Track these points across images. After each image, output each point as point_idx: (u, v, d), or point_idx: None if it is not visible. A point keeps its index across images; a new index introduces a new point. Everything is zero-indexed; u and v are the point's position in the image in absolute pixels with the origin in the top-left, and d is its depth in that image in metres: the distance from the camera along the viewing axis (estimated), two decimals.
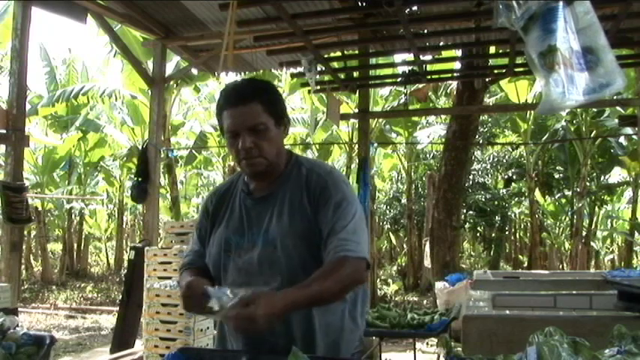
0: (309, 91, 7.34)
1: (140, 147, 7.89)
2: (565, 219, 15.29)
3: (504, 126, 14.63)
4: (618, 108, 10.42)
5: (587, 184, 13.68)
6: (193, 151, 14.88)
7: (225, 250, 1.73)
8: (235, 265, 1.71)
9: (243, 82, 1.73)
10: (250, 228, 1.72)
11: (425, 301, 10.85)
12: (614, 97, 7.21)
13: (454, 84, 9.97)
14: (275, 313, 1.45)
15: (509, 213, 16.14)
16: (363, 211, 1.78)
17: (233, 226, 1.75)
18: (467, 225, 15.29)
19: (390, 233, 16.98)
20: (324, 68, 6.04)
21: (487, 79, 8.18)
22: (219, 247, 1.75)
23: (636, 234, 14.31)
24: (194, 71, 9.23)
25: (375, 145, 14.56)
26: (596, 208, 15.90)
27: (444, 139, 9.98)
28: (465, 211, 13.64)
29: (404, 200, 15.16)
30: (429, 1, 5.10)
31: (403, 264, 15.70)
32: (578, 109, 11.46)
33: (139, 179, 6.27)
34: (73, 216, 17.14)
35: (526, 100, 11.65)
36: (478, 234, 17.23)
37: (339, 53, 6.52)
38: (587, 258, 13.88)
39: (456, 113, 8.86)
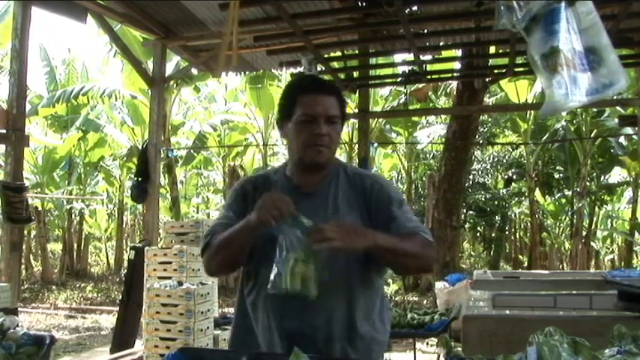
0: None
1: (140, 147, 7.89)
2: (565, 219, 15.29)
3: (504, 126, 14.64)
4: (618, 108, 10.42)
5: (587, 184, 13.68)
6: (192, 150, 14.88)
7: (271, 241, 1.63)
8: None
9: (320, 78, 1.96)
10: None
11: (425, 301, 10.85)
12: (615, 97, 7.21)
13: (454, 84, 9.97)
14: (362, 241, 1.51)
15: (509, 213, 16.14)
16: None
17: None
18: (467, 225, 15.30)
19: None
20: (324, 68, 6.03)
21: (487, 79, 8.17)
22: (264, 238, 1.65)
23: (636, 234, 14.31)
24: (194, 71, 9.23)
25: (375, 145, 14.55)
26: (596, 208, 15.89)
27: (444, 139, 9.98)
28: (465, 211, 13.65)
29: None
30: (429, 1, 5.10)
31: None
32: (579, 109, 11.46)
33: (139, 179, 6.27)
34: (73, 216, 17.13)
35: (526, 100, 11.65)
36: (478, 234, 17.24)
37: (339, 53, 6.51)
38: (587, 258, 13.87)
39: (456, 113, 8.86)
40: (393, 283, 14.38)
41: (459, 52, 7.90)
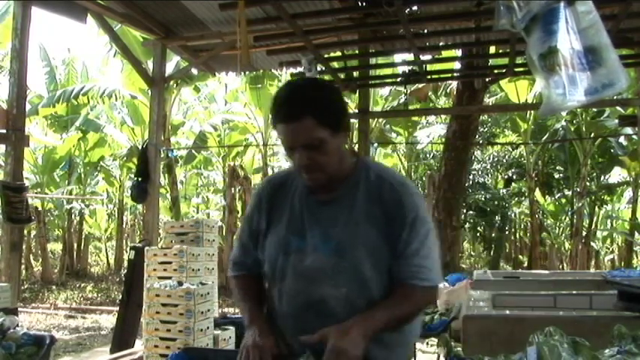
0: None
1: (140, 147, 7.90)
2: (565, 219, 15.29)
3: (504, 126, 14.65)
4: (618, 108, 10.42)
5: (587, 184, 13.69)
6: (193, 150, 14.90)
7: (284, 252, 1.63)
8: (295, 270, 1.61)
9: (294, 91, 1.56)
10: (312, 230, 1.61)
11: None
12: (615, 97, 7.21)
13: (454, 84, 9.97)
14: (361, 344, 1.42)
15: (509, 213, 16.15)
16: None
17: (294, 227, 1.64)
18: (467, 225, 15.30)
19: None
20: (324, 68, 6.03)
21: (487, 79, 8.18)
22: (277, 247, 1.65)
23: (636, 234, 14.32)
24: (194, 71, 9.23)
25: (375, 145, 14.56)
26: (596, 208, 15.91)
27: (444, 139, 9.99)
28: (465, 211, 13.66)
29: None
30: (429, 1, 5.10)
31: None
32: (579, 109, 11.47)
33: (139, 179, 6.27)
34: (73, 216, 17.13)
35: (526, 100, 11.66)
36: (478, 234, 17.24)
37: (339, 53, 6.51)
38: (587, 258, 13.88)
39: (456, 113, 8.86)
40: None
41: (459, 52, 7.90)
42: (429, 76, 6.92)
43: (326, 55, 5.98)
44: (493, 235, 16.59)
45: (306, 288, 1.59)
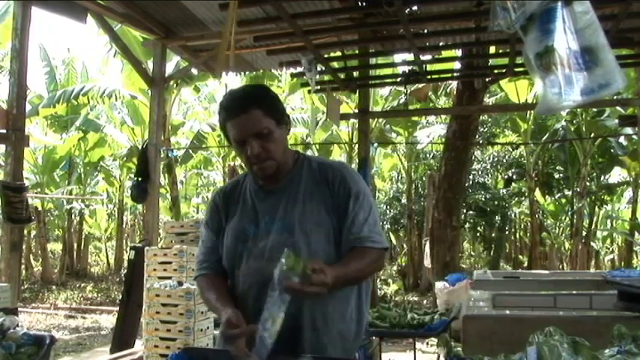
0: (309, 91, 7.35)
1: (140, 147, 7.90)
2: (565, 219, 15.29)
3: (504, 126, 14.64)
4: (618, 108, 10.42)
5: (587, 184, 13.68)
6: (190, 150, 14.90)
7: (242, 240, 1.79)
8: (250, 253, 1.76)
9: (238, 91, 1.79)
10: (264, 217, 1.79)
11: (425, 301, 10.85)
12: (614, 97, 7.21)
13: (454, 84, 9.97)
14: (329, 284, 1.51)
15: (509, 213, 16.13)
16: None
17: (247, 217, 1.82)
18: (467, 225, 15.28)
19: (390, 233, 17.02)
20: (324, 68, 6.03)
21: (487, 79, 8.18)
22: (235, 238, 1.80)
23: (636, 234, 14.31)
24: (194, 71, 9.22)
25: (375, 145, 14.56)
26: (596, 208, 15.89)
27: (444, 139, 9.99)
28: (465, 211, 13.64)
29: (404, 200, 15.15)
30: (429, 1, 5.10)
31: (403, 264, 15.70)
32: (578, 109, 11.46)
33: (139, 179, 6.27)
34: (73, 216, 17.13)
35: (526, 100, 11.66)
36: (478, 234, 17.23)
37: (339, 53, 6.51)
38: (587, 258, 13.87)
39: (456, 113, 8.86)
40: (393, 283, 14.39)
41: (459, 52, 7.90)
42: (429, 76, 6.91)
43: (326, 55, 5.98)
44: (493, 235, 16.58)
45: (261, 267, 1.71)
